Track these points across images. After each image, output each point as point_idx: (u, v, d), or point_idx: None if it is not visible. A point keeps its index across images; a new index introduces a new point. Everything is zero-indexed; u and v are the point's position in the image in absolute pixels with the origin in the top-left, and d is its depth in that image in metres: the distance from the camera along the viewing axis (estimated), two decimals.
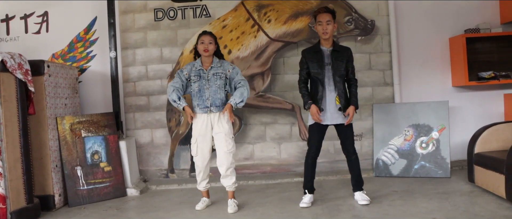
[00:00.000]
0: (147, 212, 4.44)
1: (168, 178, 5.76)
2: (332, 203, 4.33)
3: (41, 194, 4.64)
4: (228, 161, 4.22)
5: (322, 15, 4.20)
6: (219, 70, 4.24)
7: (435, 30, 5.78)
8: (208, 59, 4.25)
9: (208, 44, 4.19)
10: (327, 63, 4.20)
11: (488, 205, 3.95)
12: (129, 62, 5.79)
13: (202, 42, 4.19)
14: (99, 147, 5.13)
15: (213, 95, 4.19)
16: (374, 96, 5.70)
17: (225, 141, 4.20)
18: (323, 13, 4.20)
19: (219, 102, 4.21)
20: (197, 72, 4.24)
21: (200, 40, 4.22)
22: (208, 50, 4.18)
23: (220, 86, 4.22)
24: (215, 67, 4.24)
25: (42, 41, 5.79)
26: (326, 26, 4.17)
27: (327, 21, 4.17)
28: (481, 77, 5.53)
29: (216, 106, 4.20)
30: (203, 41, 4.19)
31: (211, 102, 4.19)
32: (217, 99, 4.20)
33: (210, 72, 4.22)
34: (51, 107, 4.81)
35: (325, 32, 4.17)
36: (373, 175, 5.41)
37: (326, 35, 4.17)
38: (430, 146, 5.28)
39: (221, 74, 4.23)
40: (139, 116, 5.80)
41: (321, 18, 4.19)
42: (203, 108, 4.20)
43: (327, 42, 4.23)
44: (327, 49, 4.23)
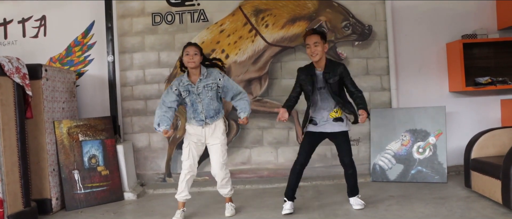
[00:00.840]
0: (144, 216, 4.44)
1: (165, 182, 5.76)
2: (328, 208, 4.34)
3: (38, 197, 4.64)
4: (223, 172, 4.18)
5: (309, 37, 4.10)
6: (209, 81, 4.09)
7: (432, 35, 5.80)
8: (195, 70, 4.09)
9: (193, 55, 4.02)
10: (321, 87, 4.13)
11: (484, 210, 3.96)
12: (127, 66, 5.80)
13: (187, 54, 4.04)
14: (97, 151, 5.13)
15: (206, 108, 4.10)
16: (371, 101, 5.72)
17: (221, 152, 4.15)
18: (310, 35, 4.10)
19: (213, 113, 4.13)
20: (185, 87, 4.09)
21: (185, 52, 4.07)
22: (194, 62, 4.02)
23: (213, 97, 4.10)
24: (204, 79, 4.09)
25: (40, 45, 5.80)
26: (314, 48, 4.05)
27: (315, 43, 4.05)
28: (478, 82, 5.55)
29: (210, 117, 4.12)
30: (188, 52, 4.04)
31: (205, 115, 4.10)
32: (211, 111, 4.12)
33: (200, 84, 4.07)
34: (48, 111, 4.81)
35: (313, 54, 4.07)
36: (370, 180, 5.42)
37: (316, 57, 4.07)
38: (427, 151, 5.29)
39: (212, 85, 4.09)
40: (137, 120, 5.81)
41: (308, 40, 4.09)
42: (199, 121, 4.12)
43: (318, 64, 4.13)
44: (320, 72, 4.13)
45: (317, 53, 4.05)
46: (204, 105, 4.09)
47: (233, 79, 5.61)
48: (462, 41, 5.48)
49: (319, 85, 4.13)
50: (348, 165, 4.22)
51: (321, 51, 4.07)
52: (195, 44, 4.14)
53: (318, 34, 4.11)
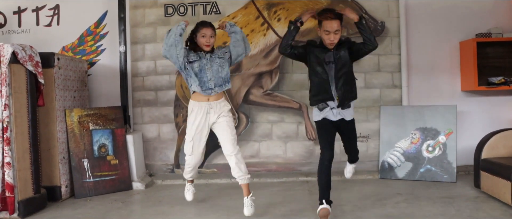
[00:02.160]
0: (152, 206, 4.47)
1: (174, 173, 5.78)
2: (335, 204, 4.32)
3: (48, 185, 4.69)
4: (236, 148, 3.94)
5: (330, 23, 3.62)
6: (220, 52, 4.03)
7: (446, 33, 5.74)
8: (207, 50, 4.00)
9: (210, 37, 3.93)
10: (329, 61, 3.72)
11: (493, 211, 3.93)
12: (138, 56, 5.82)
13: (203, 36, 3.90)
14: (106, 140, 5.17)
15: (215, 75, 3.94)
16: (382, 98, 5.69)
17: (230, 128, 3.96)
18: (332, 21, 3.61)
19: (221, 81, 3.97)
20: (196, 55, 3.96)
21: (200, 33, 3.92)
22: (210, 45, 3.94)
23: (221, 63, 3.97)
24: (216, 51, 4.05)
25: (52, 34, 5.84)
26: (334, 36, 3.64)
27: (336, 31, 3.63)
28: (491, 82, 5.49)
29: (219, 85, 3.95)
30: (205, 35, 3.91)
31: (215, 82, 3.93)
32: (219, 79, 3.95)
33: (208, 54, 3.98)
34: (60, 99, 4.85)
35: (332, 43, 3.67)
36: (379, 177, 5.40)
37: (332, 45, 3.70)
38: (436, 150, 5.26)
39: (220, 54, 4.01)
40: (147, 110, 5.83)
41: (329, 26, 3.63)
42: (206, 90, 3.92)
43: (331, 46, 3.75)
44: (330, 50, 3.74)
45: (334, 42, 3.67)
46: (214, 71, 3.94)
47: (243, 72, 5.63)
48: (476, 40, 5.42)
49: (327, 59, 3.72)
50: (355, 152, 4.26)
51: (338, 39, 3.69)
52: (211, 25, 3.98)
53: (340, 19, 3.66)
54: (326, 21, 3.64)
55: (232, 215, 4.09)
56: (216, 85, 3.95)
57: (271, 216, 4.02)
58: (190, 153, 4.11)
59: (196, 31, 3.96)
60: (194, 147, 4.07)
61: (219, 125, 3.99)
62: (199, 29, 3.94)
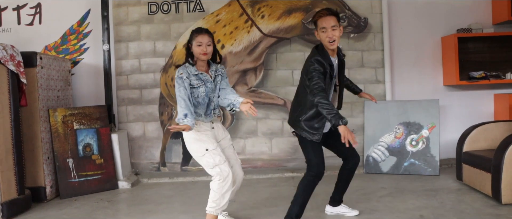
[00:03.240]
0: (138, 205, 4.47)
1: (160, 172, 5.78)
2: (321, 198, 4.37)
3: (33, 185, 4.65)
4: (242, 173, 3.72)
5: (325, 19, 3.34)
6: (218, 73, 3.58)
7: (428, 29, 5.82)
8: (203, 62, 3.52)
9: (207, 46, 3.41)
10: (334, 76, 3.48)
11: (475, 203, 4.00)
12: (122, 55, 5.80)
13: (199, 44, 3.40)
14: (91, 139, 5.15)
15: (215, 100, 3.57)
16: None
17: (235, 151, 3.72)
18: (326, 17, 3.35)
19: (217, 106, 3.63)
20: (197, 77, 3.45)
21: (196, 42, 3.41)
22: (207, 54, 3.44)
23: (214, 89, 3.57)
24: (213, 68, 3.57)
25: (35, 33, 5.78)
26: (332, 32, 3.32)
27: (333, 27, 3.32)
28: (472, 76, 5.59)
29: (215, 108, 3.61)
30: (201, 43, 3.40)
31: (214, 106, 3.57)
32: (216, 104, 3.61)
33: (212, 72, 3.54)
34: (43, 99, 4.81)
35: (331, 40, 3.33)
36: (363, 172, 5.45)
37: (334, 44, 3.35)
38: (420, 144, 5.33)
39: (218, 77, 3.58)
40: (132, 109, 5.81)
41: (325, 23, 3.34)
42: (209, 115, 3.54)
43: (333, 52, 3.44)
44: (334, 59, 3.46)
45: (334, 39, 3.33)
46: (214, 97, 3.55)
47: (228, 69, 5.64)
48: (457, 35, 5.51)
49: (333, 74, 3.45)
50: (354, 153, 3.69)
51: (339, 37, 3.37)
52: (207, 32, 3.48)
53: (335, 15, 3.37)
54: (321, 19, 3.37)
55: None
56: (215, 108, 3.60)
57: (257, 212, 4.04)
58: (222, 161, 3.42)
59: (191, 40, 3.46)
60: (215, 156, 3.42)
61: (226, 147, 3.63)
62: (194, 37, 3.44)
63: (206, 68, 3.54)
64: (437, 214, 3.74)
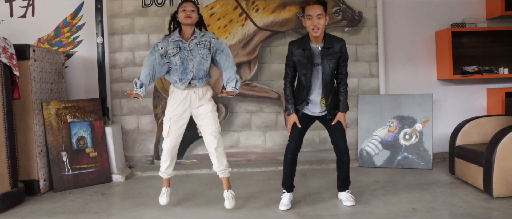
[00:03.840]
0: (132, 198, 4.47)
1: (154, 165, 5.78)
2: (314, 192, 4.40)
3: (26, 179, 4.64)
4: (219, 141, 3.83)
5: (311, 7, 3.59)
6: (203, 39, 3.74)
7: (422, 23, 5.84)
8: (189, 29, 3.72)
9: (191, 11, 3.67)
10: (316, 63, 3.70)
11: (467, 196, 4.04)
12: (116, 48, 5.77)
13: (183, 10, 3.67)
14: (85, 132, 5.14)
15: (197, 67, 3.71)
16: (360, 87, 5.76)
17: (213, 120, 3.80)
18: (313, 5, 3.59)
19: (202, 74, 3.75)
20: (175, 44, 3.71)
21: (181, 8, 3.69)
22: (191, 17, 3.66)
23: (204, 55, 3.72)
24: (198, 37, 3.74)
25: (28, 25, 5.74)
26: (316, 20, 3.56)
27: (318, 15, 3.56)
28: (466, 71, 5.61)
29: (199, 78, 3.75)
30: (185, 8, 3.67)
31: (194, 74, 3.72)
32: (200, 71, 3.73)
33: (192, 42, 3.72)
34: (36, 92, 4.79)
35: (315, 28, 3.57)
36: (357, 165, 5.48)
37: (317, 31, 3.58)
38: (413, 138, 5.36)
39: (205, 42, 3.73)
40: (125, 102, 5.80)
41: (311, 11, 3.58)
42: (186, 82, 3.72)
43: (317, 39, 3.67)
44: (317, 46, 3.69)
45: (319, 27, 3.56)
46: (196, 63, 3.70)
47: None
48: (450, 30, 5.53)
49: (316, 61, 3.70)
50: (343, 151, 3.88)
51: (323, 25, 3.60)
52: (192, 1, 3.75)
53: (321, 4, 3.60)
54: (307, 7, 3.61)
55: (213, 205, 4.11)
56: (197, 77, 3.74)
57: (251, 205, 4.05)
58: (166, 134, 3.83)
59: (178, 9, 3.74)
60: (171, 129, 3.81)
61: (201, 115, 3.81)
62: (180, 5, 3.72)
63: (190, 36, 3.74)
64: (430, 207, 3.77)
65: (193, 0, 3.79)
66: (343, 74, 3.80)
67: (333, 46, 3.69)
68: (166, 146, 3.88)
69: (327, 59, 3.68)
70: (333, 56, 3.69)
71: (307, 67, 3.70)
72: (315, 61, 3.70)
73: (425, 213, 3.62)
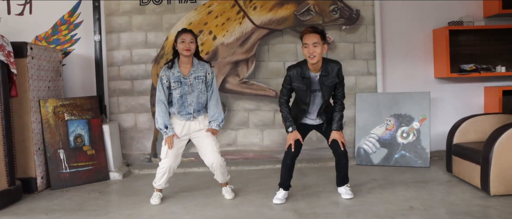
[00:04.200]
0: (129, 196, 4.47)
1: (151, 163, 5.78)
2: (311, 190, 4.41)
3: (23, 176, 4.63)
4: (221, 159, 4.06)
5: (308, 36, 3.71)
6: (201, 73, 3.98)
7: (419, 21, 5.84)
8: (188, 60, 3.96)
9: (189, 43, 3.88)
10: (315, 90, 3.86)
11: (464, 194, 4.05)
12: (114, 46, 5.77)
13: (182, 41, 3.88)
14: (82, 130, 5.13)
15: (196, 101, 3.98)
16: (357, 85, 5.77)
17: (213, 141, 4.04)
18: (309, 34, 3.72)
19: (200, 107, 4.02)
20: (176, 78, 3.94)
21: (180, 39, 3.90)
22: (190, 50, 3.88)
23: (202, 90, 3.99)
24: (197, 69, 3.97)
25: (25, 23, 5.73)
26: (313, 49, 3.68)
27: (314, 44, 3.68)
28: (463, 69, 5.62)
29: (197, 111, 4.01)
30: (184, 40, 3.88)
31: (194, 108, 3.99)
32: (199, 104, 4.00)
33: (192, 76, 3.96)
34: (34, 89, 4.78)
35: (311, 55, 3.69)
36: (354, 164, 5.49)
37: (314, 59, 3.70)
38: (410, 136, 5.36)
39: (202, 77, 3.98)
40: (123, 100, 5.80)
41: (307, 39, 3.70)
42: (185, 115, 3.99)
43: (315, 66, 3.78)
44: (315, 75, 3.82)
45: (315, 55, 3.69)
46: (194, 97, 3.96)
47: (219, 61, 5.64)
48: (448, 28, 5.53)
49: (313, 88, 3.86)
50: (342, 155, 4.00)
51: (320, 53, 3.71)
52: (191, 32, 3.97)
53: (318, 33, 3.73)
54: (304, 36, 3.75)
55: (210, 203, 4.11)
56: (195, 111, 4.00)
57: (248, 203, 4.06)
58: (164, 156, 4.03)
59: (177, 39, 3.95)
60: (169, 152, 4.00)
61: (201, 137, 4.05)
62: (178, 36, 3.94)
63: (188, 68, 3.97)
64: (427, 205, 3.78)
65: (191, 30, 4.00)
66: (339, 95, 3.96)
67: (331, 72, 3.83)
68: (164, 166, 4.06)
69: (325, 86, 3.84)
70: (331, 82, 3.85)
71: (306, 94, 3.86)
72: (313, 88, 3.86)
73: (422, 211, 3.63)
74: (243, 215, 3.73)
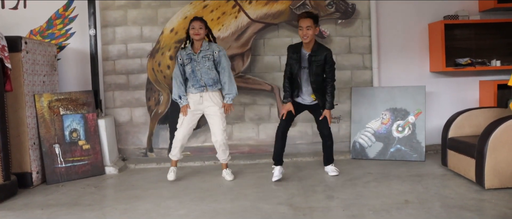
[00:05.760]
0: (125, 190, 4.47)
1: (147, 157, 5.78)
2: (307, 183, 4.42)
3: (19, 171, 4.62)
4: (224, 137, 4.62)
5: (302, 20, 4.36)
6: (208, 52, 4.52)
7: (415, 15, 5.84)
8: (198, 43, 4.53)
9: (199, 29, 4.46)
10: (304, 66, 4.45)
11: (459, 188, 4.07)
12: (109, 40, 5.74)
13: (192, 28, 4.47)
14: (78, 125, 5.12)
15: (205, 76, 4.52)
16: (353, 79, 5.77)
17: (221, 119, 4.59)
18: (304, 19, 4.36)
19: (211, 82, 4.55)
20: (188, 56, 4.54)
21: (190, 26, 4.49)
22: (199, 34, 4.48)
23: (210, 67, 4.53)
24: (204, 50, 4.52)
25: (19, 17, 5.69)
26: (306, 31, 4.34)
27: (307, 27, 4.33)
28: (458, 63, 5.63)
29: (209, 85, 4.55)
30: (194, 27, 4.47)
31: (205, 82, 4.53)
32: (209, 79, 4.54)
33: (200, 55, 4.51)
34: (28, 84, 4.77)
35: (305, 36, 4.35)
36: (350, 157, 5.50)
37: (306, 39, 4.36)
38: (406, 130, 5.38)
39: (209, 56, 4.52)
40: (118, 94, 5.78)
41: (302, 23, 4.35)
42: (198, 88, 4.56)
43: (307, 46, 4.43)
44: (306, 53, 4.44)
45: (308, 36, 4.34)
46: (203, 73, 4.52)
47: None
48: (443, 22, 5.54)
49: (303, 65, 4.45)
50: (326, 136, 4.65)
51: (312, 34, 4.36)
52: (200, 19, 4.56)
53: (312, 18, 4.36)
54: (300, 19, 4.38)
55: (206, 197, 4.12)
56: (207, 84, 4.56)
57: (244, 198, 4.06)
58: (180, 125, 4.62)
59: (189, 26, 4.53)
60: (184, 122, 4.61)
61: (211, 114, 4.62)
62: (190, 23, 4.51)
63: (199, 48, 4.55)
64: (422, 199, 3.79)
65: (201, 18, 4.62)
66: (329, 78, 4.51)
67: (319, 54, 4.43)
68: (179, 135, 4.65)
69: (313, 64, 4.42)
70: (318, 62, 4.42)
71: (296, 68, 4.48)
72: (303, 65, 4.47)
73: (417, 205, 3.65)
74: (239, 209, 3.74)
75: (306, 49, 4.46)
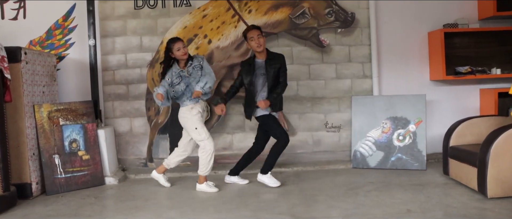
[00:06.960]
0: (125, 201, 4.44)
1: (147, 167, 5.74)
2: (308, 193, 4.39)
3: (18, 182, 4.60)
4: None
5: (252, 31, 4.62)
6: (195, 63, 4.66)
7: (415, 24, 5.85)
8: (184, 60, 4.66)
9: (183, 48, 4.61)
10: (262, 73, 4.66)
11: (461, 197, 4.04)
12: (108, 50, 5.74)
13: (178, 49, 4.57)
14: (77, 135, 5.10)
15: None
16: (353, 88, 5.76)
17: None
18: (252, 30, 4.63)
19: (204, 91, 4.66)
20: (177, 74, 4.63)
21: (176, 47, 4.57)
22: (186, 53, 4.63)
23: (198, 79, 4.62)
24: (191, 63, 4.66)
25: (19, 28, 5.69)
26: (258, 40, 4.58)
27: (258, 35, 4.59)
28: (458, 71, 5.63)
29: (203, 94, 4.61)
30: (179, 48, 4.58)
31: None
32: None
33: (189, 68, 4.63)
34: (28, 94, 4.75)
35: (259, 45, 4.59)
36: (351, 167, 5.48)
37: (260, 47, 4.61)
38: (407, 139, 5.36)
39: (198, 66, 4.65)
40: (118, 104, 5.77)
41: (253, 33, 4.61)
42: (194, 99, 4.63)
43: (261, 54, 4.67)
44: (262, 60, 4.68)
45: (261, 44, 4.60)
46: (195, 83, 4.59)
47: (215, 64, 5.63)
48: (443, 30, 5.54)
49: (261, 72, 4.67)
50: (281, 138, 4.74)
51: (263, 42, 4.64)
52: (180, 39, 4.70)
53: (258, 29, 4.66)
54: (249, 32, 4.64)
55: (206, 207, 4.09)
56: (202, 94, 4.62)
57: (244, 208, 4.04)
58: (207, 136, 4.61)
59: (170, 49, 4.60)
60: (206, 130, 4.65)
61: None
62: (171, 45, 4.59)
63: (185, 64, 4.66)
64: (424, 208, 3.77)
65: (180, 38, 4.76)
66: (282, 81, 4.69)
67: (276, 59, 4.67)
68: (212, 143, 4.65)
69: (271, 69, 4.62)
70: (275, 67, 4.63)
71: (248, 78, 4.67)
72: (259, 72, 4.66)
73: (419, 214, 3.62)
74: None
75: (261, 57, 4.68)
